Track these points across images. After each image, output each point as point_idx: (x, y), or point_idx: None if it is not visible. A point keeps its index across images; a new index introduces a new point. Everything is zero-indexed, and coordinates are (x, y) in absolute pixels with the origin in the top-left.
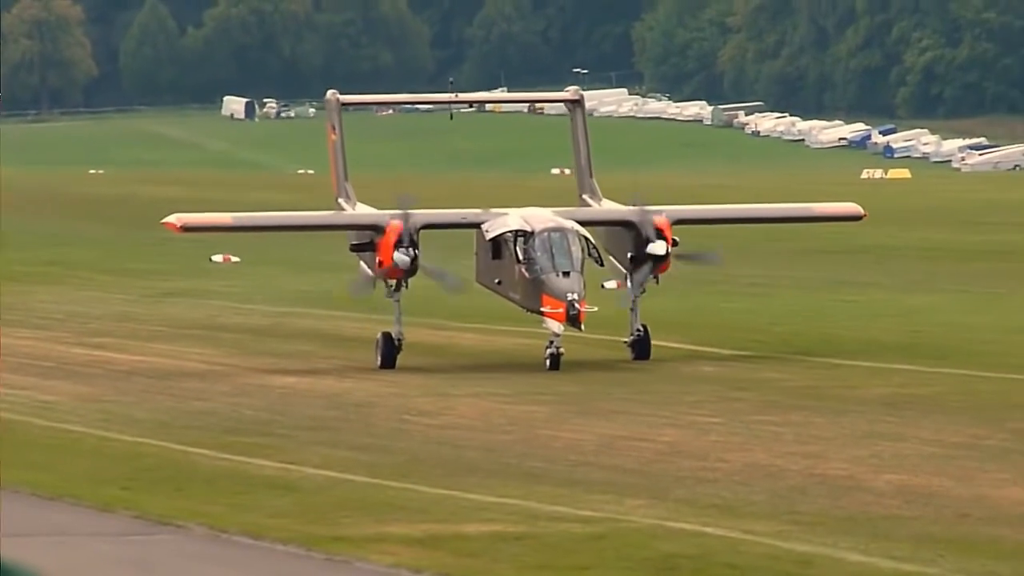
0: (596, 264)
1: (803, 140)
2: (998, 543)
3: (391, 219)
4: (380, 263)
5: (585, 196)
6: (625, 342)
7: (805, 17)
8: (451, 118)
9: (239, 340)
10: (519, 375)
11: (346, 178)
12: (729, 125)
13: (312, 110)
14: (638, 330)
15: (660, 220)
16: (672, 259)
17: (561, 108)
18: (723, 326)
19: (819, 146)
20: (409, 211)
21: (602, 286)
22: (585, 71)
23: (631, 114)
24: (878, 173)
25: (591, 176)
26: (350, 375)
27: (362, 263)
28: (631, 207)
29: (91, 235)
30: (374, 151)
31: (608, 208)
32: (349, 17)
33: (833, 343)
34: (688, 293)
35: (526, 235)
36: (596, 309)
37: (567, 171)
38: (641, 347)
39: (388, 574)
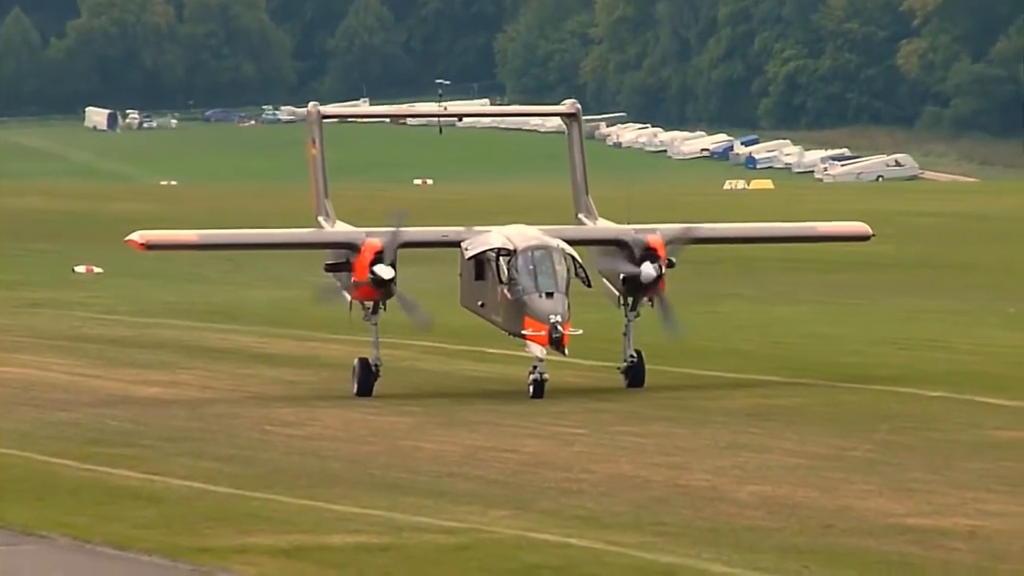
0: (583, 285)
1: (665, 151)
2: (863, 554)
3: (367, 237)
4: (355, 283)
5: (581, 215)
6: (619, 369)
7: (667, 28)
8: (440, 132)
9: (103, 351)
10: (382, 385)
11: (326, 195)
12: (591, 136)
13: (174, 121)
14: (632, 356)
15: (654, 239)
16: (656, 291)
17: (423, 120)
18: (587, 337)
19: (681, 157)
20: (400, 228)
21: None
22: (447, 82)
23: (493, 125)
24: (740, 184)
25: (587, 194)
26: (213, 386)
27: (338, 284)
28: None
29: None
30: (235, 163)
31: (599, 227)
32: (211, 28)
33: (696, 354)
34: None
35: (508, 254)
36: (581, 332)
37: (429, 181)
38: (635, 374)
39: None
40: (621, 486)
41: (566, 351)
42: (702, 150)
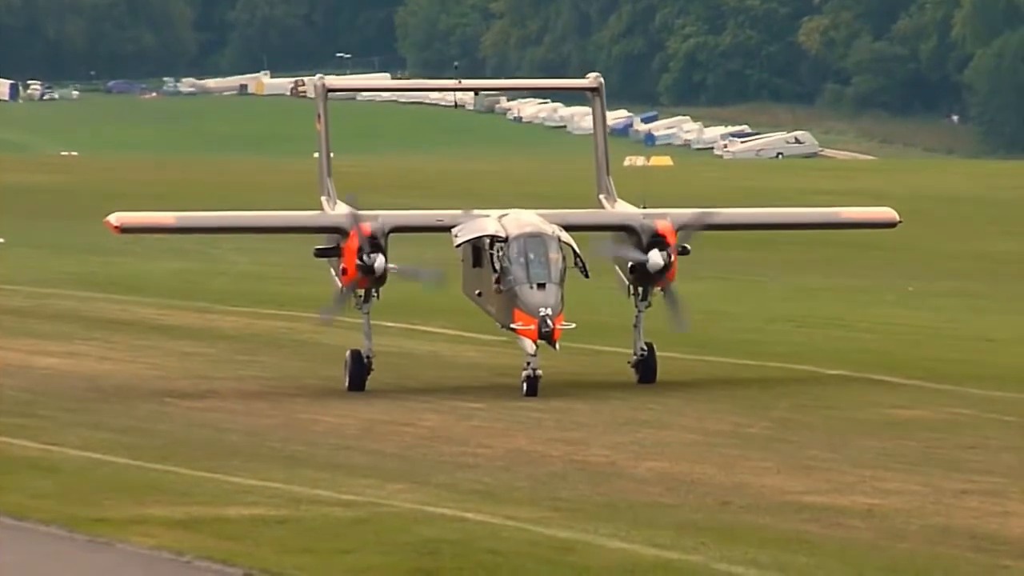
0: (581, 275)
1: (565, 127)
2: (760, 531)
3: (356, 222)
4: (344, 270)
5: (601, 196)
6: (629, 363)
7: (568, 3)
8: (455, 107)
9: (0, 320)
10: (280, 358)
11: (328, 173)
12: (491, 111)
13: (76, 92)
14: (642, 349)
15: (663, 225)
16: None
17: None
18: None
19: (581, 132)
20: (359, 211)
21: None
22: (348, 55)
23: (393, 98)
24: (640, 160)
25: (608, 173)
26: (111, 356)
27: (331, 270)
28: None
29: None
30: (136, 134)
31: (606, 212)
32: None
33: (595, 330)
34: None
35: (501, 241)
36: (574, 326)
37: (331, 155)
38: (646, 368)
39: (149, 556)
40: (519, 461)
41: (557, 346)
42: None
